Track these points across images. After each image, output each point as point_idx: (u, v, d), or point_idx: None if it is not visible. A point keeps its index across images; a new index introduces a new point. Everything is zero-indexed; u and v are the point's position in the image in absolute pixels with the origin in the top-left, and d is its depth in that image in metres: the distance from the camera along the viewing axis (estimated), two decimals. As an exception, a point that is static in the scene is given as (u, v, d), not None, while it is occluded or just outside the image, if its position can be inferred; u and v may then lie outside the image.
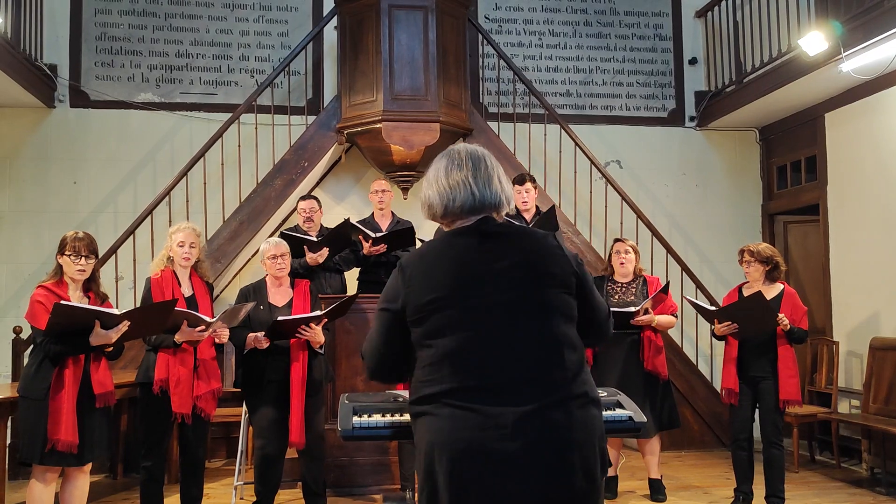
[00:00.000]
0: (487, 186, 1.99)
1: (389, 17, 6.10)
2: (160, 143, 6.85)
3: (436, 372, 1.86)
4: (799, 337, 4.35)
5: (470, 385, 1.82)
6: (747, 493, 4.53)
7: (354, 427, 2.42)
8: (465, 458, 1.79)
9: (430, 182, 2.04)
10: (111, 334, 3.39)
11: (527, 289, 1.89)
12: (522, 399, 1.80)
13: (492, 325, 1.85)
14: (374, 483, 5.02)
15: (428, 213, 2.06)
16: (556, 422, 1.81)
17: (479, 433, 1.78)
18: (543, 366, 1.85)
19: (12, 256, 6.57)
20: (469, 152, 2.05)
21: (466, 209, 1.98)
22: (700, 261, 7.29)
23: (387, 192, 5.68)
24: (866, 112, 6.07)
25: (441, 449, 1.81)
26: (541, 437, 1.79)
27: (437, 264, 1.93)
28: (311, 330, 4.05)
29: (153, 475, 3.94)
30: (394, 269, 2.01)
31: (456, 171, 2.00)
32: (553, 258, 1.94)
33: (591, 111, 7.46)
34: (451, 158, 2.04)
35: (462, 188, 1.98)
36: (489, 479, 1.78)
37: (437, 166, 2.05)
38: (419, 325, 1.91)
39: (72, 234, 3.59)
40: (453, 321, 1.86)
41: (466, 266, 1.90)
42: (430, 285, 1.90)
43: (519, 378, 1.82)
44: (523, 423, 1.79)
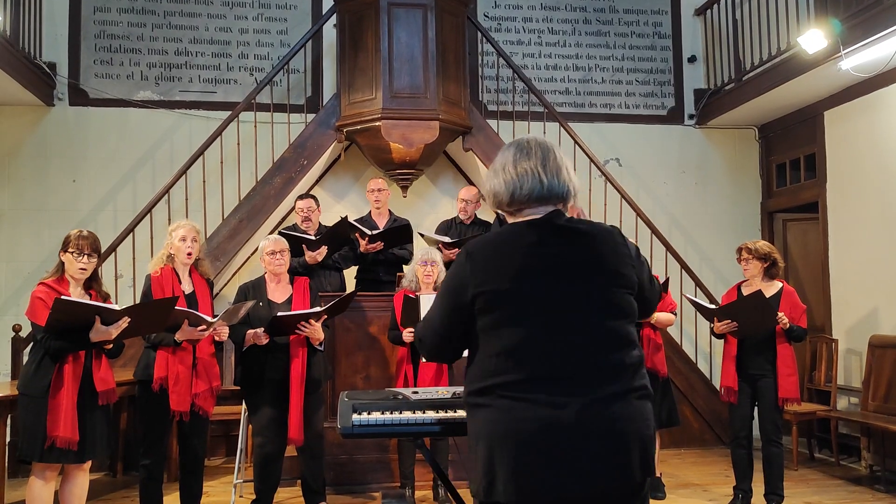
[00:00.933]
0: (556, 176, 1.99)
1: (389, 15, 6.09)
2: (159, 142, 6.85)
3: (501, 363, 1.85)
4: (798, 335, 4.36)
5: (534, 377, 1.83)
6: (747, 490, 4.53)
7: (354, 425, 2.43)
8: (528, 449, 1.79)
9: (497, 171, 2.02)
10: (111, 330, 3.39)
11: (594, 286, 1.89)
12: (586, 391, 1.82)
13: (559, 320, 1.86)
14: (374, 481, 5.02)
15: (493, 202, 2.04)
16: (618, 413, 1.83)
17: (543, 425, 1.79)
18: (606, 360, 1.86)
19: (12, 255, 6.57)
20: (538, 142, 2.04)
21: (534, 198, 1.97)
22: (699, 259, 7.29)
23: (383, 191, 5.68)
24: (865, 110, 6.07)
25: (503, 441, 1.81)
26: (605, 426, 1.81)
27: (507, 254, 1.91)
28: (311, 326, 4.05)
29: (152, 473, 3.94)
30: (459, 254, 1.99)
31: (524, 160, 1.99)
32: (620, 257, 1.94)
33: (590, 109, 7.46)
34: (520, 147, 2.03)
35: (530, 177, 1.97)
36: (552, 470, 1.79)
37: (504, 155, 2.04)
38: (486, 315, 1.90)
39: (76, 232, 3.61)
40: (521, 313, 1.86)
41: (537, 259, 1.89)
42: (499, 275, 1.89)
43: (583, 372, 1.84)
44: (586, 414, 1.80)
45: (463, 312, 1.94)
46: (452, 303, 1.97)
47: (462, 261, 1.96)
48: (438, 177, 7.19)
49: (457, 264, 1.99)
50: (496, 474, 1.82)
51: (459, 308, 1.95)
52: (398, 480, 4.86)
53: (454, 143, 6.59)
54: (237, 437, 4.90)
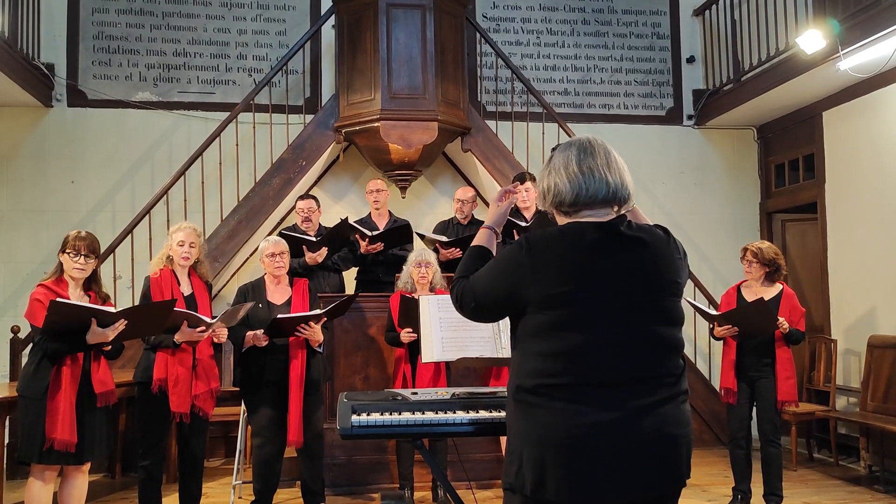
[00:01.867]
0: (620, 177, 1.97)
1: (387, 16, 6.09)
2: (158, 143, 6.85)
3: (557, 365, 1.85)
4: (796, 338, 4.37)
5: (590, 382, 1.83)
6: (745, 491, 4.53)
7: (353, 426, 2.43)
8: (582, 451, 1.80)
9: (558, 168, 1.97)
10: (108, 332, 3.38)
11: (652, 295, 1.90)
12: (636, 395, 1.83)
13: (615, 326, 1.85)
14: (373, 482, 5.02)
15: (551, 202, 1.98)
16: (668, 415, 1.85)
17: (596, 428, 1.80)
18: (657, 367, 1.88)
19: (10, 256, 6.57)
20: (600, 143, 2.01)
21: (600, 199, 1.94)
22: (698, 259, 7.29)
23: (382, 192, 5.68)
24: (864, 110, 6.07)
25: (556, 441, 1.82)
26: (656, 430, 1.82)
27: (568, 254, 1.88)
28: (311, 328, 4.05)
29: (151, 474, 3.94)
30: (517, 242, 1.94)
31: (589, 159, 1.96)
32: (675, 266, 1.95)
33: (589, 110, 7.46)
34: (582, 147, 1.99)
35: (598, 176, 1.94)
36: (605, 473, 1.80)
37: (565, 154, 1.99)
38: (542, 313, 1.87)
39: (74, 233, 3.61)
40: (580, 317, 1.85)
41: (600, 264, 1.87)
42: (561, 276, 1.86)
43: (636, 377, 1.85)
44: (639, 417, 1.82)
45: (514, 303, 1.92)
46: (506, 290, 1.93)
47: (519, 251, 1.91)
48: (437, 177, 7.19)
49: (513, 254, 1.93)
50: (547, 474, 1.82)
51: (513, 298, 1.92)
52: (397, 481, 4.86)
53: (453, 144, 6.59)
54: (236, 439, 4.90)
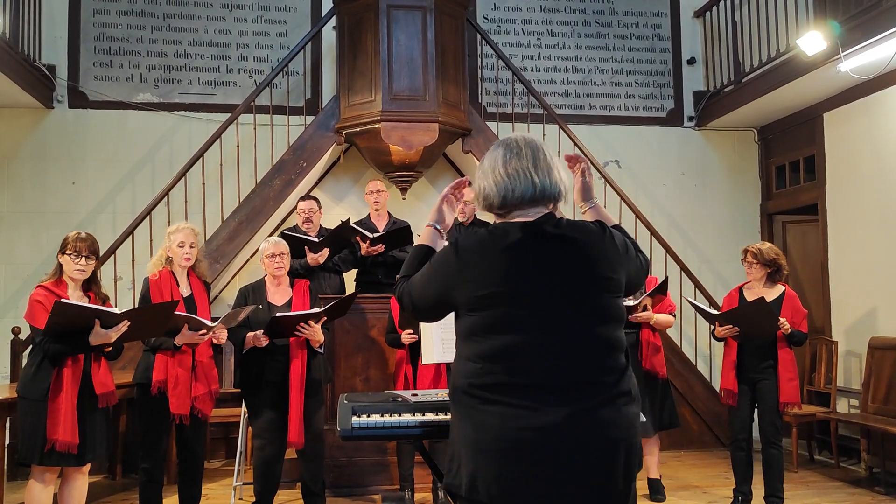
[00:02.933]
0: (548, 176, 1.94)
1: (388, 18, 6.09)
2: (159, 144, 6.85)
3: (489, 366, 1.84)
4: (799, 340, 4.36)
5: (522, 383, 1.81)
6: (746, 493, 4.53)
7: (353, 427, 2.42)
8: (514, 455, 1.79)
9: (486, 172, 1.97)
10: (111, 334, 3.39)
11: (583, 292, 1.88)
12: (574, 398, 1.81)
13: (547, 326, 1.84)
14: (373, 483, 5.01)
15: (483, 205, 2.00)
16: (606, 419, 1.81)
17: (530, 431, 1.78)
18: (595, 368, 1.85)
19: (11, 257, 6.57)
20: (527, 141, 1.99)
21: (527, 199, 1.93)
22: (699, 261, 7.29)
23: (381, 193, 5.68)
24: (865, 112, 6.07)
25: (489, 445, 1.81)
26: (591, 434, 1.80)
27: (496, 256, 1.88)
28: (311, 328, 4.04)
29: (152, 476, 3.94)
30: (449, 245, 1.95)
31: (515, 160, 1.94)
32: (610, 261, 1.91)
33: (589, 111, 7.46)
34: (509, 147, 1.98)
35: (523, 177, 1.92)
36: (537, 476, 1.78)
37: (493, 156, 1.99)
38: (472, 314, 1.88)
39: (74, 234, 3.60)
40: (509, 318, 1.84)
41: (527, 264, 1.87)
42: (488, 277, 1.86)
43: (571, 379, 1.82)
44: (574, 420, 1.79)
45: (446, 304, 1.94)
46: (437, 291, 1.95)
47: (451, 253, 1.92)
48: (438, 179, 7.19)
49: (445, 256, 1.95)
50: (479, 475, 1.81)
51: (444, 299, 1.94)
52: (398, 483, 4.86)
53: (454, 146, 6.59)
54: (237, 440, 4.90)
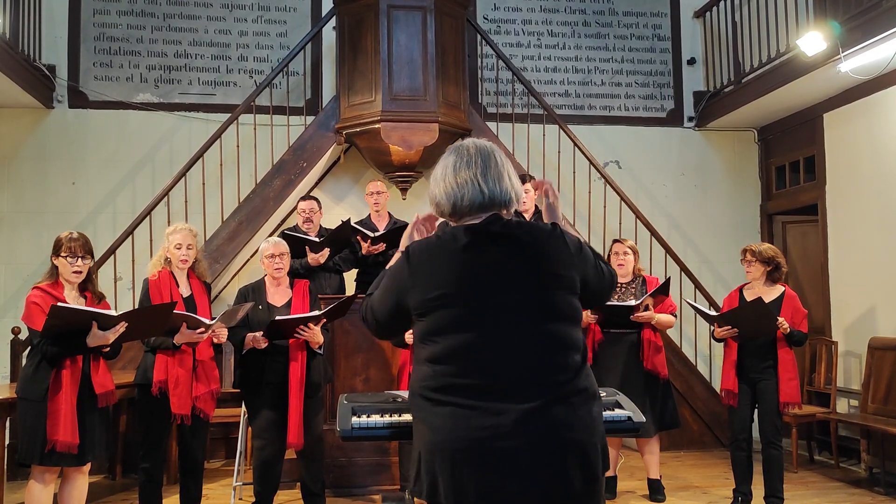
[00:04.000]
0: (497, 183, 1.96)
1: (388, 18, 6.10)
2: (159, 144, 6.85)
3: (440, 368, 1.86)
4: (798, 340, 4.36)
5: (473, 384, 1.82)
6: (746, 493, 4.53)
7: (353, 427, 2.42)
8: (466, 456, 1.79)
9: (438, 180, 2.00)
10: (108, 335, 3.38)
11: (532, 290, 1.88)
12: (525, 397, 1.81)
13: (496, 326, 1.85)
14: (374, 483, 5.01)
15: (436, 211, 2.04)
16: (558, 419, 1.81)
17: (481, 431, 1.79)
18: (546, 366, 1.85)
19: (11, 257, 6.57)
20: (478, 148, 2.00)
21: (476, 207, 1.95)
22: (699, 261, 7.29)
23: (382, 194, 5.68)
24: (865, 112, 6.07)
25: (442, 446, 1.81)
26: (542, 434, 1.79)
27: (444, 259, 1.91)
28: (310, 330, 4.04)
29: (152, 476, 3.94)
30: (400, 254, 1.99)
31: (464, 169, 1.97)
32: (558, 259, 1.92)
33: (589, 111, 7.46)
34: (460, 155, 2.00)
35: (471, 186, 1.95)
36: (490, 477, 1.78)
37: (444, 163, 2.02)
38: (423, 319, 1.90)
39: (66, 235, 3.57)
40: (458, 319, 1.86)
41: (473, 265, 1.89)
42: (436, 280, 1.88)
43: (522, 378, 1.82)
44: (525, 420, 1.79)
45: (402, 312, 1.96)
46: (392, 299, 1.97)
47: (402, 260, 1.96)
48: (438, 179, 7.18)
49: (397, 263, 1.99)
50: (437, 477, 1.82)
51: (399, 305, 1.96)
52: (398, 483, 4.86)
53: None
54: (237, 440, 4.90)
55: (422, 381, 1.90)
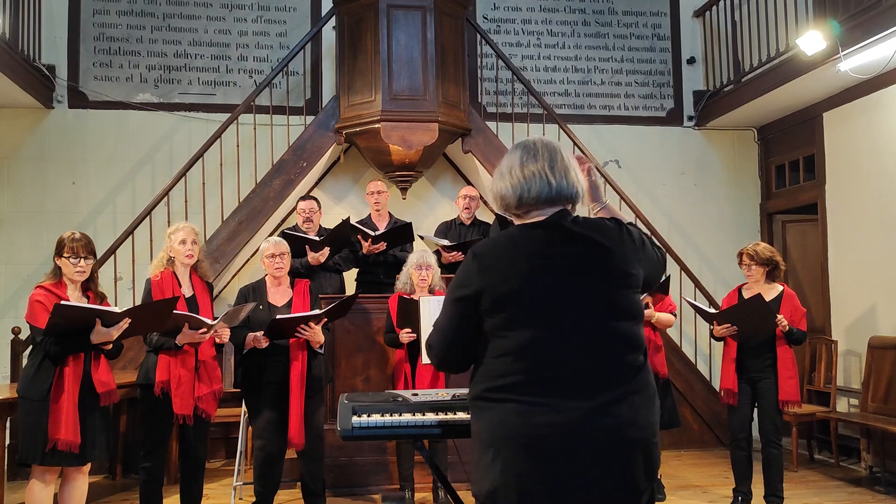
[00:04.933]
0: (565, 177, 1.96)
1: (388, 17, 6.10)
2: (159, 144, 6.85)
3: (507, 364, 1.85)
4: (797, 338, 4.36)
5: (540, 379, 1.82)
6: (746, 492, 4.53)
7: (354, 427, 2.43)
8: (530, 455, 1.79)
9: (504, 174, 2.00)
10: (112, 332, 3.39)
11: (601, 287, 1.88)
12: (590, 395, 1.81)
13: (565, 321, 1.85)
14: (374, 483, 5.02)
15: (500, 205, 2.02)
16: (623, 417, 1.82)
17: (546, 429, 1.79)
18: (611, 363, 1.86)
19: (11, 257, 6.57)
20: (545, 143, 2.02)
21: (542, 200, 1.95)
22: (699, 260, 7.29)
23: (382, 193, 5.69)
24: (864, 111, 6.07)
25: (507, 445, 1.81)
26: (607, 432, 1.80)
27: (514, 255, 1.90)
28: (311, 329, 4.04)
29: (152, 476, 3.94)
30: (466, 256, 1.97)
31: (532, 162, 1.97)
32: (626, 257, 1.93)
33: (589, 111, 7.46)
34: (527, 149, 2.01)
35: (538, 178, 1.95)
36: (555, 475, 1.79)
37: (511, 157, 2.02)
38: (493, 315, 1.89)
39: (68, 235, 3.57)
40: (528, 314, 1.85)
41: (543, 260, 1.88)
42: (506, 276, 1.88)
43: (588, 375, 1.83)
44: (590, 418, 1.80)
45: (471, 314, 1.93)
46: (461, 304, 1.94)
47: (469, 262, 1.95)
48: (438, 179, 7.20)
49: (464, 266, 1.97)
50: (499, 479, 1.81)
51: (467, 309, 1.93)
52: (398, 482, 4.86)
53: (453, 145, 6.59)
54: (237, 440, 4.90)
55: (489, 376, 1.89)
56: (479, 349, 1.95)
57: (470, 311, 1.93)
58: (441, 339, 2.02)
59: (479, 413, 1.91)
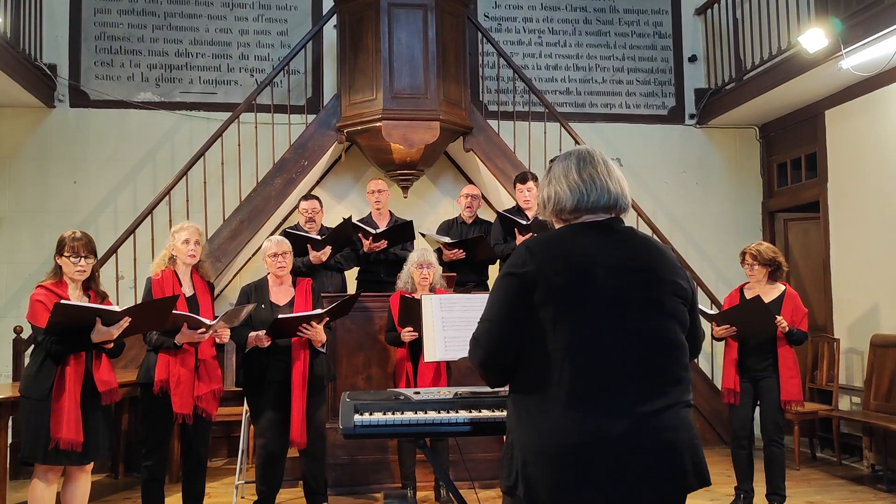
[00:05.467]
0: (620, 185, 1.98)
1: (389, 16, 6.09)
2: (160, 143, 6.85)
3: (554, 360, 1.81)
4: (798, 338, 4.35)
5: (586, 379, 1.79)
6: (748, 490, 4.53)
7: (356, 425, 2.43)
8: (571, 461, 1.76)
9: (559, 177, 1.99)
10: (113, 331, 3.39)
11: (652, 290, 1.87)
12: (636, 403, 1.78)
13: (615, 321, 1.82)
14: (376, 481, 5.02)
15: (552, 209, 1.99)
16: (667, 424, 1.80)
17: (589, 438, 1.75)
18: (660, 368, 1.84)
19: (12, 256, 6.57)
20: (599, 152, 2.03)
21: (601, 205, 1.95)
22: (700, 259, 7.29)
23: (383, 192, 5.68)
24: (866, 109, 6.07)
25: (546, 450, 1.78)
26: (653, 442, 1.78)
27: (567, 250, 1.88)
28: (313, 328, 4.04)
29: (154, 474, 3.94)
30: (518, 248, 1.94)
31: (590, 167, 1.98)
32: (674, 268, 1.93)
33: (591, 109, 7.46)
34: (581, 156, 2.01)
35: (599, 184, 1.95)
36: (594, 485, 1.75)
37: (563, 163, 2.01)
38: (544, 309, 1.83)
39: (69, 235, 3.57)
40: (578, 311, 1.82)
41: (597, 257, 1.86)
42: (559, 271, 1.84)
43: (635, 380, 1.80)
44: (636, 428, 1.77)
45: (524, 297, 1.85)
46: (515, 282, 1.87)
47: (521, 253, 1.89)
48: (439, 177, 7.19)
49: (515, 254, 1.92)
50: (537, 481, 1.79)
51: (521, 291, 1.85)
52: (400, 481, 4.86)
53: (455, 144, 6.58)
54: (239, 439, 4.91)
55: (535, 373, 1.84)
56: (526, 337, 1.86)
57: (523, 292, 1.84)
58: (490, 329, 1.89)
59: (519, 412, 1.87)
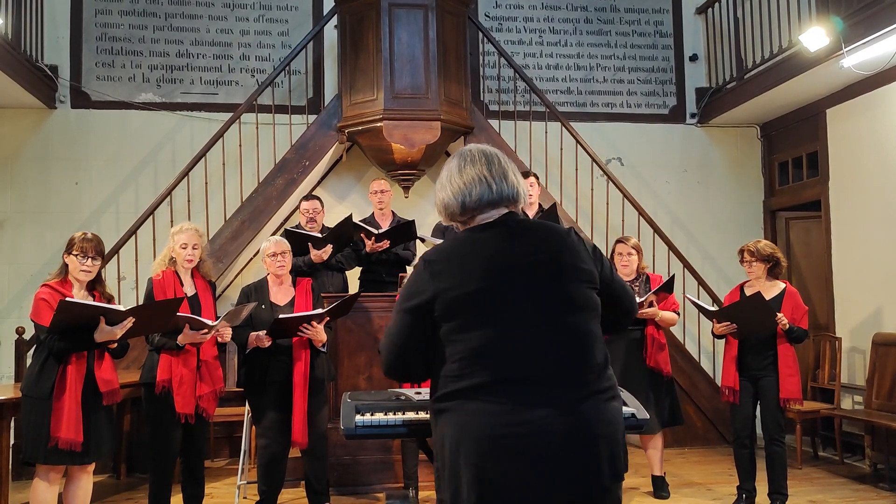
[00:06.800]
0: (504, 180, 1.99)
1: (390, 16, 6.10)
2: (161, 143, 6.86)
3: (464, 367, 1.84)
4: (798, 336, 4.35)
5: (499, 379, 1.81)
6: (750, 490, 4.53)
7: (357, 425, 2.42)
8: (493, 453, 1.78)
9: (444, 184, 2.03)
10: (116, 330, 3.40)
11: (554, 283, 1.89)
12: (552, 393, 1.80)
13: (521, 320, 1.84)
14: (378, 481, 5.02)
15: (445, 215, 2.04)
16: (585, 416, 1.81)
17: (508, 428, 1.78)
18: (572, 361, 1.85)
19: (14, 257, 6.58)
20: (480, 149, 2.06)
21: (485, 203, 1.97)
22: (702, 258, 7.28)
23: (386, 192, 5.68)
24: (868, 108, 6.06)
25: (468, 444, 1.80)
26: (570, 431, 1.79)
27: (464, 258, 1.91)
28: (313, 328, 4.05)
29: (161, 475, 3.95)
30: (417, 264, 1.98)
31: (470, 167, 2.00)
32: (577, 253, 1.94)
33: (591, 108, 7.45)
34: (463, 157, 2.04)
35: (478, 182, 1.97)
36: (517, 474, 1.77)
37: (449, 167, 2.05)
38: (448, 320, 1.88)
39: (80, 235, 3.61)
40: (483, 316, 1.85)
41: (494, 260, 1.89)
42: (459, 279, 1.87)
43: (548, 373, 1.82)
44: (553, 417, 1.78)
45: (423, 321, 1.91)
46: (412, 312, 1.92)
47: (420, 269, 1.95)
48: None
49: (415, 273, 1.97)
50: (461, 481, 1.81)
51: (419, 318, 1.91)
52: (402, 481, 4.86)
53: (456, 144, 6.58)
54: (241, 439, 4.91)
55: (447, 380, 1.88)
56: (436, 356, 1.93)
57: (421, 319, 1.91)
58: (391, 347, 1.97)
59: (438, 417, 1.90)
